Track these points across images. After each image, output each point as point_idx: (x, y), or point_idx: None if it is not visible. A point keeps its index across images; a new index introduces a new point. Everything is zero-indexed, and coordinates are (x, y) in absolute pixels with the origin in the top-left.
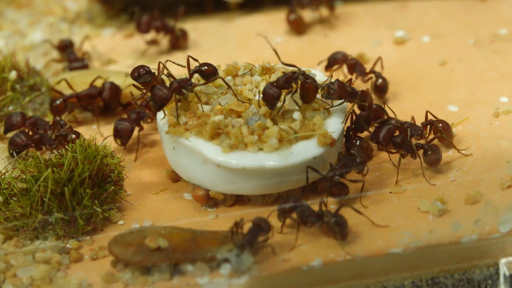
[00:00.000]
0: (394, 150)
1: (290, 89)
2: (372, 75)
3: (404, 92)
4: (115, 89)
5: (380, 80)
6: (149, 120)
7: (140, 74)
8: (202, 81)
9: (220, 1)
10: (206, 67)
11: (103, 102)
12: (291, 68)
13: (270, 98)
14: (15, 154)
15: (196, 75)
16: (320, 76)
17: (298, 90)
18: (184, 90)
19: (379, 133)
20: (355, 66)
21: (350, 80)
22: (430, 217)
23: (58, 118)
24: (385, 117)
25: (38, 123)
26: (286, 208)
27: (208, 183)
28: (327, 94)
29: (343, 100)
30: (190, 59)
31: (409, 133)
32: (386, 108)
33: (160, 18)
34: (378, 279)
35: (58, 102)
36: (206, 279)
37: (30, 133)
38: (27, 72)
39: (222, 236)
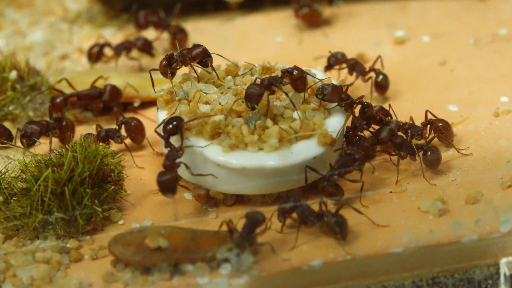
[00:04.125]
0: (393, 151)
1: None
2: (372, 73)
3: (404, 92)
4: (115, 93)
5: (380, 77)
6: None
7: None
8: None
9: (220, 1)
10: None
11: (102, 104)
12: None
13: (253, 96)
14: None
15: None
16: (321, 76)
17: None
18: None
19: (379, 134)
20: (355, 66)
21: (348, 86)
22: (430, 217)
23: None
24: (389, 118)
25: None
26: (286, 208)
27: (208, 183)
28: (320, 94)
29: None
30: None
31: (409, 134)
32: (391, 110)
33: (158, 14)
34: (378, 279)
35: (58, 100)
36: (206, 279)
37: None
38: (27, 71)
39: (222, 236)
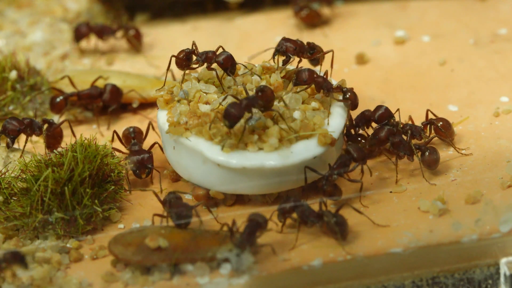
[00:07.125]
0: (391, 151)
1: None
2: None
3: (404, 92)
4: (116, 92)
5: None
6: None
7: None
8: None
9: (220, 1)
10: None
11: (103, 103)
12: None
13: (233, 117)
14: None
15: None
16: None
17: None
18: None
19: (378, 133)
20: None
21: (326, 73)
22: (430, 216)
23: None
24: (391, 121)
25: (33, 125)
26: (286, 208)
27: (208, 183)
28: (295, 80)
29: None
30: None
31: (409, 135)
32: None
33: (97, 24)
34: (378, 279)
35: (58, 99)
36: (206, 279)
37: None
38: (27, 71)
39: (222, 236)
